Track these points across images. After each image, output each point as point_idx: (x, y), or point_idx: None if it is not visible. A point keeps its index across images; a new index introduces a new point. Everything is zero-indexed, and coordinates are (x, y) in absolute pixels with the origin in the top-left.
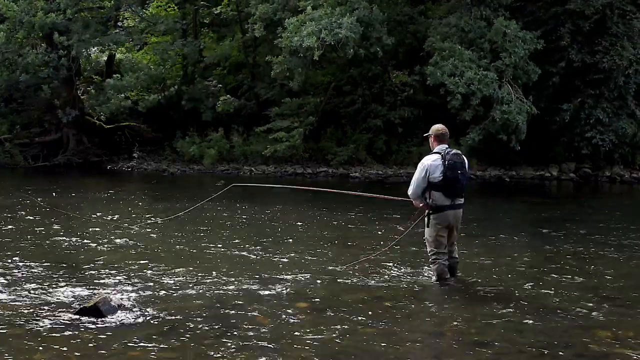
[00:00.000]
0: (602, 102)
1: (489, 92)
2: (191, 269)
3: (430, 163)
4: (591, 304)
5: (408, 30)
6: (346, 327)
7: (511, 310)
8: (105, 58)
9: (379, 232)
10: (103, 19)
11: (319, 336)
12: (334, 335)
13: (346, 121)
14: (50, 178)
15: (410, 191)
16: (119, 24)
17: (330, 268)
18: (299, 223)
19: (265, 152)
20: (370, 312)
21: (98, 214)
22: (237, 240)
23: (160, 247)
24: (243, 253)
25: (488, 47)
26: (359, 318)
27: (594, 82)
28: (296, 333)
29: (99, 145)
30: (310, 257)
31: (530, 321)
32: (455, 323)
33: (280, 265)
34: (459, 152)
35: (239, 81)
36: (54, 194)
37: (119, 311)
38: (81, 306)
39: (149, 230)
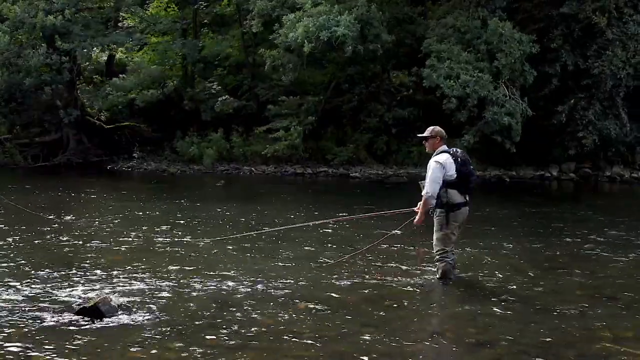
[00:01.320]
0: (595, 104)
1: (484, 93)
2: (190, 269)
3: (445, 160)
4: (591, 304)
5: (407, 31)
6: (346, 327)
7: (511, 310)
8: (106, 58)
9: (377, 231)
10: (103, 19)
11: (319, 336)
12: (333, 335)
13: (346, 121)
14: (49, 178)
15: (427, 190)
16: (119, 24)
17: (330, 268)
18: (298, 222)
19: (265, 152)
20: (370, 312)
21: (96, 214)
22: (235, 240)
23: (159, 247)
24: (242, 253)
25: (484, 48)
26: (359, 318)
27: (587, 85)
28: (296, 333)
29: (99, 145)
30: (309, 257)
31: (530, 321)
32: (455, 323)
33: (280, 265)
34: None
35: (239, 81)
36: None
37: (119, 311)
38: (81, 306)
39: (147, 230)
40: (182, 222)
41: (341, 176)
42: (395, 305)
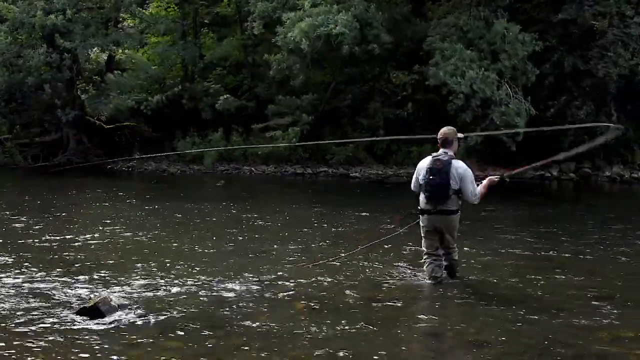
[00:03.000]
0: (589, 105)
1: (489, 93)
2: (190, 269)
3: (420, 165)
4: (591, 304)
5: (407, 31)
6: (345, 327)
7: (511, 310)
8: (106, 57)
9: (380, 230)
10: (103, 19)
11: (318, 336)
12: (333, 335)
13: (346, 121)
14: (48, 178)
15: (415, 189)
16: (120, 24)
17: (328, 267)
18: (297, 222)
19: (261, 151)
20: (369, 312)
21: (94, 214)
22: (235, 240)
23: (158, 247)
24: (241, 253)
25: (488, 48)
26: (358, 318)
27: (585, 87)
28: (295, 333)
29: (99, 145)
30: (307, 256)
31: (530, 321)
32: (455, 323)
33: (279, 265)
34: (441, 158)
35: (239, 81)
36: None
37: (119, 311)
38: (81, 306)
39: (146, 230)
40: (181, 222)
41: (341, 176)
42: (394, 305)
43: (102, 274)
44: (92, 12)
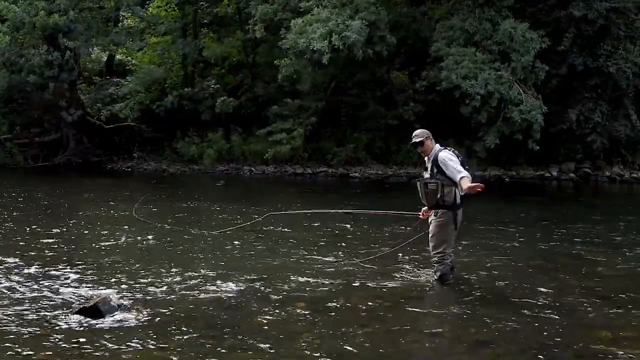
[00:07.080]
0: (602, 105)
1: (505, 93)
2: (190, 269)
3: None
4: (591, 304)
5: (408, 31)
6: (346, 327)
7: (511, 310)
8: (105, 58)
9: (375, 233)
10: (103, 19)
11: (319, 336)
12: (333, 335)
13: (346, 121)
14: (48, 178)
15: (463, 174)
16: (120, 24)
17: (329, 267)
18: (297, 222)
19: (267, 156)
20: (370, 312)
21: (94, 214)
22: (235, 240)
23: (158, 247)
24: (242, 253)
25: (496, 49)
26: (359, 318)
27: (595, 85)
28: (296, 333)
29: (99, 145)
30: (309, 257)
31: (530, 321)
32: (455, 323)
33: (280, 266)
34: None
35: (238, 81)
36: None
37: (119, 311)
38: (81, 306)
39: (146, 230)
40: (181, 222)
41: (341, 176)
42: (394, 306)
43: (102, 274)
44: (93, 12)
